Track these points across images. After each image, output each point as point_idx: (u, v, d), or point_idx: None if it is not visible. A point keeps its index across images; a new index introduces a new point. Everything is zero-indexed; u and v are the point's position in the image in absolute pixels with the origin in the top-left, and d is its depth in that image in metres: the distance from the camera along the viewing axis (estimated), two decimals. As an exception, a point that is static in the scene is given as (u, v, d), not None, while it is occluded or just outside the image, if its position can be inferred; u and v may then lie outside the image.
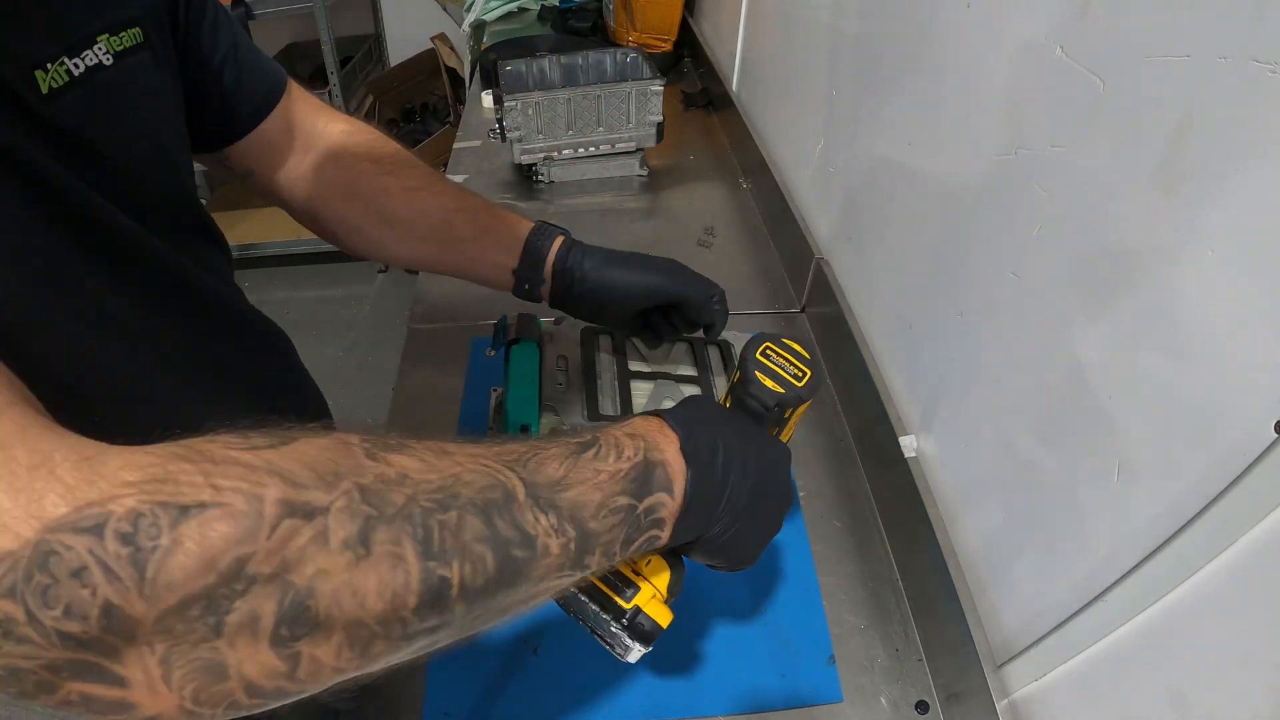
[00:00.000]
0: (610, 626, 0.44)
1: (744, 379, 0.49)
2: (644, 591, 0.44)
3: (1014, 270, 0.55)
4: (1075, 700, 0.49)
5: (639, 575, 0.45)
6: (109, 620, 0.23)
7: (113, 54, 0.42)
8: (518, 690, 0.62)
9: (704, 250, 1.15)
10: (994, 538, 0.59)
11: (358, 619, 0.26)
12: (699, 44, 1.66)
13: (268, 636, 0.25)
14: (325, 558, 0.25)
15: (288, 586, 0.25)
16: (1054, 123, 0.50)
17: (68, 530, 0.23)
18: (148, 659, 0.24)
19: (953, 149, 0.63)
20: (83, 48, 0.40)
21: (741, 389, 0.49)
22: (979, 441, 0.61)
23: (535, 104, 1.22)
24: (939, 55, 0.65)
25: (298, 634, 0.25)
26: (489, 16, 1.91)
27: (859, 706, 0.61)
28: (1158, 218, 0.41)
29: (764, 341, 0.50)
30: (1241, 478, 0.36)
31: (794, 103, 1.11)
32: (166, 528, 0.23)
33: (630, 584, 0.44)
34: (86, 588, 0.22)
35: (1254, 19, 0.35)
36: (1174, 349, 0.40)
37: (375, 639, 0.27)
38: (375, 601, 0.26)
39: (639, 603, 0.44)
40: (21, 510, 0.23)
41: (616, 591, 0.44)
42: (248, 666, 0.25)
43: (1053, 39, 0.49)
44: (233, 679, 0.25)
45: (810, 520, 0.75)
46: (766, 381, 0.48)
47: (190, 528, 0.24)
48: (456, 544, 0.28)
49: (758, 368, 0.49)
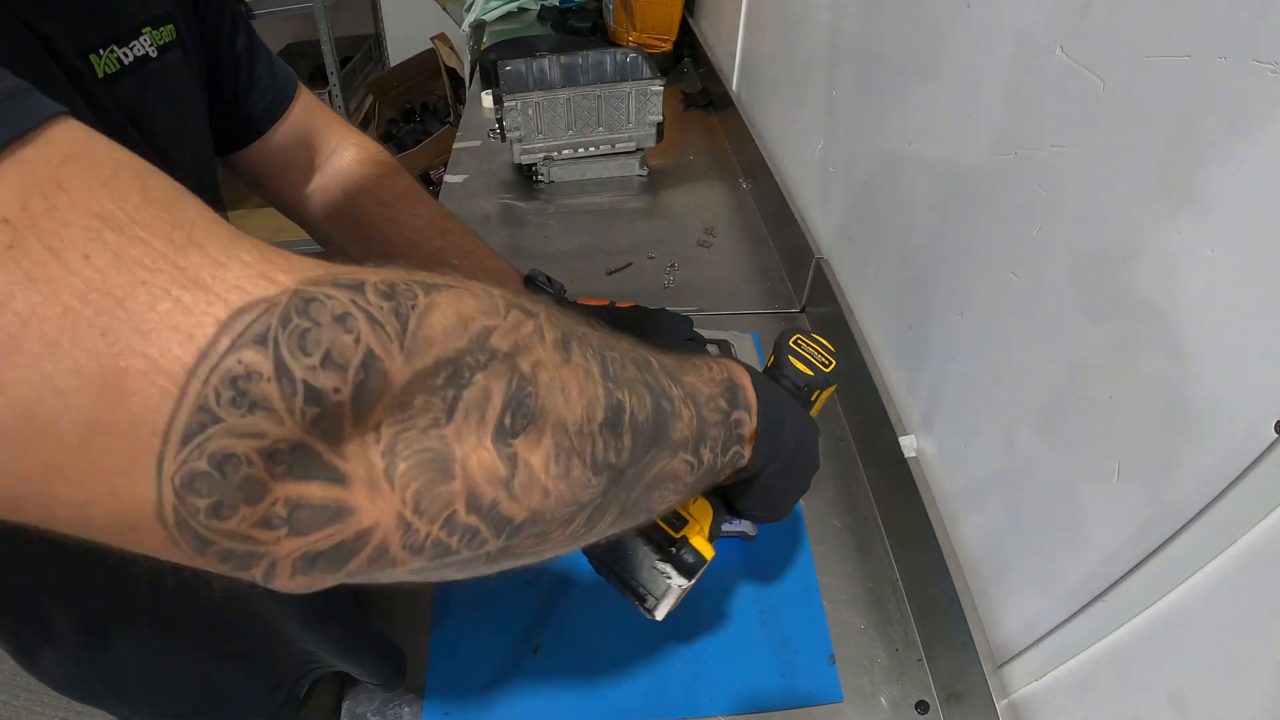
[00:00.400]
0: (655, 560, 0.47)
1: (778, 363, 0.54)
2: (691, 525, 0.48)
3: (1014, 270, 0.55)
4: (1075, 700, 0.49)
5: (686, 512, 0.49)
6: (366, 375, 0.21)
7: (156, 47, 0.44)
8: (518, 690, 0.62)
9: (704, 250, 1.15)
10: (994, 538, 0.59)
11: (562, 420, 0.26)
12: (699, 44, 1.66)
13: (493, 424, 0.24)
14: (543, 351, 0.26)
15: (515, 369, 0.25)
16: (1054, 123, 0.50)
17: (328, 284, 0.22)
18: (371, 451, 0.22)
19: (952, 149, 0.63)
20: (130, 39, 0.42)
21: (776, 371, 0.54)
22: (979, 441, 0.61)
23: (535, 104, 1.22)
24: (939, 55, 0.65)
25: (518, 426, 0.25)
26: (489, 16, 1.91)
27: (859, 706, 0.61)
28: (1158, 218, 0.41)
29: (796, 333, 0.56)
30: (1241, 478, 0.36)
31: (794, 103, 1.11)
32: (421, 293, 0.23)
33: (679, 518, 0.48)
34: (350, 334, 0.21)
35: (1254, 19, 0.35)
36: (1174, 349, 0.40)
37: (574, 456, 0.27)
38: (576, 403, 0.27)
39: (687, 533, 0.47)
40: (275, 265, 0.21)
41: (666, 523, 0.48)
42: (472, 462, 0.24)
43: (1053, 39, 0.49)
44: (457, 479, 0.24)
45: (810, 520, 0.75)
46: (799, 365, 0.54)
47: (443, 296, 0.24)
48: (625, 377, 0.30)
49: (790, 353, 0.54)
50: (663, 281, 1.08)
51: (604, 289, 1.06)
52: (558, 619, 0.67)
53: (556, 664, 0.64)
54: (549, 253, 1.15)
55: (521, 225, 1.23)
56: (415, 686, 0.62)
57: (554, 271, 1.12)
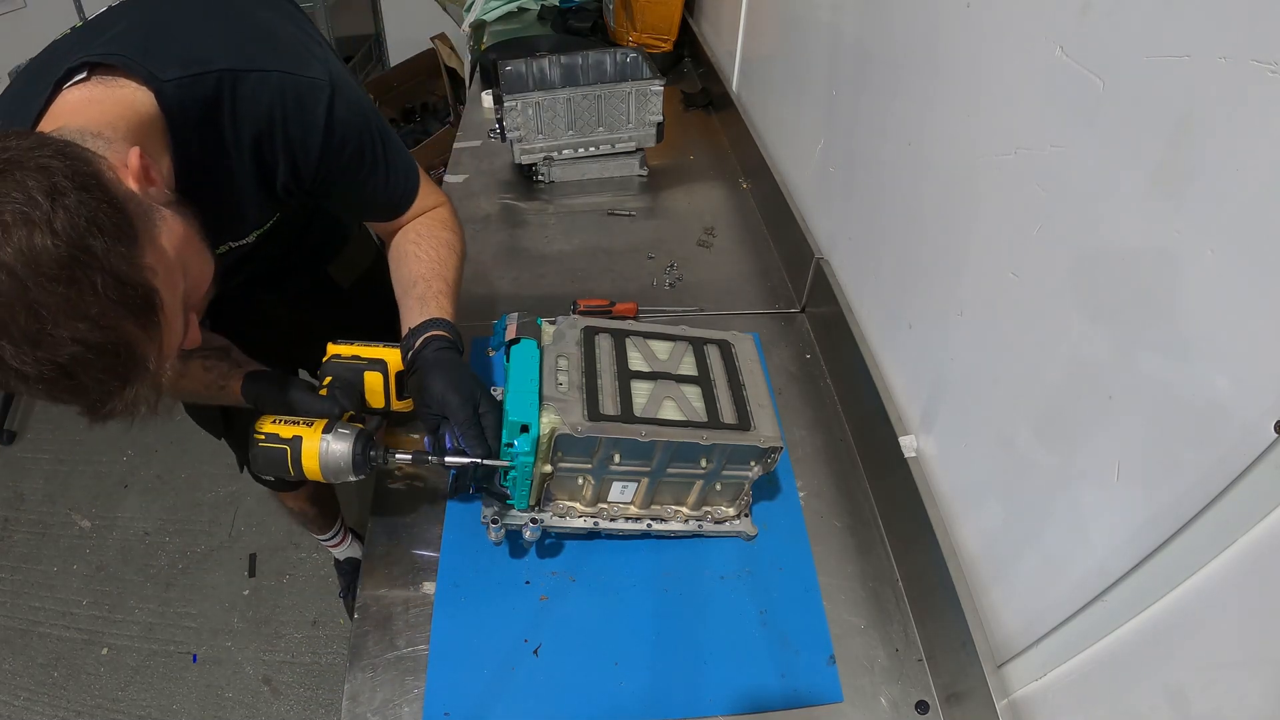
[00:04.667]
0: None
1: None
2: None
3: (1014, 270, 0.55)
4: (1075, 700, 0.49)
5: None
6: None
7: (256, 236, 0.72)
8: (518, 690, 0.62)
9: (704, 250, 1.15)
10: (994, 538, 0.59)
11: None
12: (699, 44, 1.66)
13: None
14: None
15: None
16: (1054, 123, 0.50)
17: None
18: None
19: (952, 149, 0.63)
20: (240, 239, 0.71)
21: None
22: (979, 441, 0.61)
23: (535, 104, 1.22)
24: (939, 55, 0.65)
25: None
26: (489, 16, 1.91)
27: (859, 706, 0.61)
28: (1158, 218, 0.41)
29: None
30: (1241, 478, 0.36)
31: (794, 103, 1.11)
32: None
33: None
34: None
35: (1254, 19, 0.35)
36: (1174, 349, 0.40)
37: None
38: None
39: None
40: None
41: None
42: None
43: (1053, 39, 0.49)
44: None
45: (810, 520, 0.75)
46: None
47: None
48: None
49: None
50: (663, 281, 1.08)
51: (604, 289, 1.06)
52: (557, 619, 0.67)
53: (556, 664, 0.64)
54: (549, 253, 1.15)
55: (521, 225, 1.23)
56: (417, 685, 0.62)
57: (554, 271, 1.12)
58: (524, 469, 0.62)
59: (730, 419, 0.65)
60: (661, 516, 0.71)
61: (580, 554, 0.72)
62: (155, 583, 1.70)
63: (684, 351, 0.71)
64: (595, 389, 0.64)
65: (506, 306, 1.03)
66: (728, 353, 0.72)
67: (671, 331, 0.73)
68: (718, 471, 0.66)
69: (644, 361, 0.69)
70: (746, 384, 0.69)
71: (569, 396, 0.63)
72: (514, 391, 0.62)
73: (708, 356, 0.71)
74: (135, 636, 1.63)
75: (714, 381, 0.69)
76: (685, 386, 0.67)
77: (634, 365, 0.68)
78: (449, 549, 0.72)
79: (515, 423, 0.60)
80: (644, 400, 0.65)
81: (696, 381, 0.68)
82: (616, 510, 0.69)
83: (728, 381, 0.69)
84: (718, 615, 0.67)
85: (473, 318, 0.97)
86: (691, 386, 0.67)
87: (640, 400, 0.65)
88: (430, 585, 0.69)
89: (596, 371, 0.66)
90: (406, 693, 0.62)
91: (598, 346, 0.69)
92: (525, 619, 0.67)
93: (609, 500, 0.69)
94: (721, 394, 0.67)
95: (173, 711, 1.51)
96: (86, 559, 1.78)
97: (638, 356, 0.69)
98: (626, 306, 1.00)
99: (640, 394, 0.65)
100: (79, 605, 1.69)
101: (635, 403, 0.65)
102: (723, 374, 0.70)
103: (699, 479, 0.67)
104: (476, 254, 1.15)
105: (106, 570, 1.75)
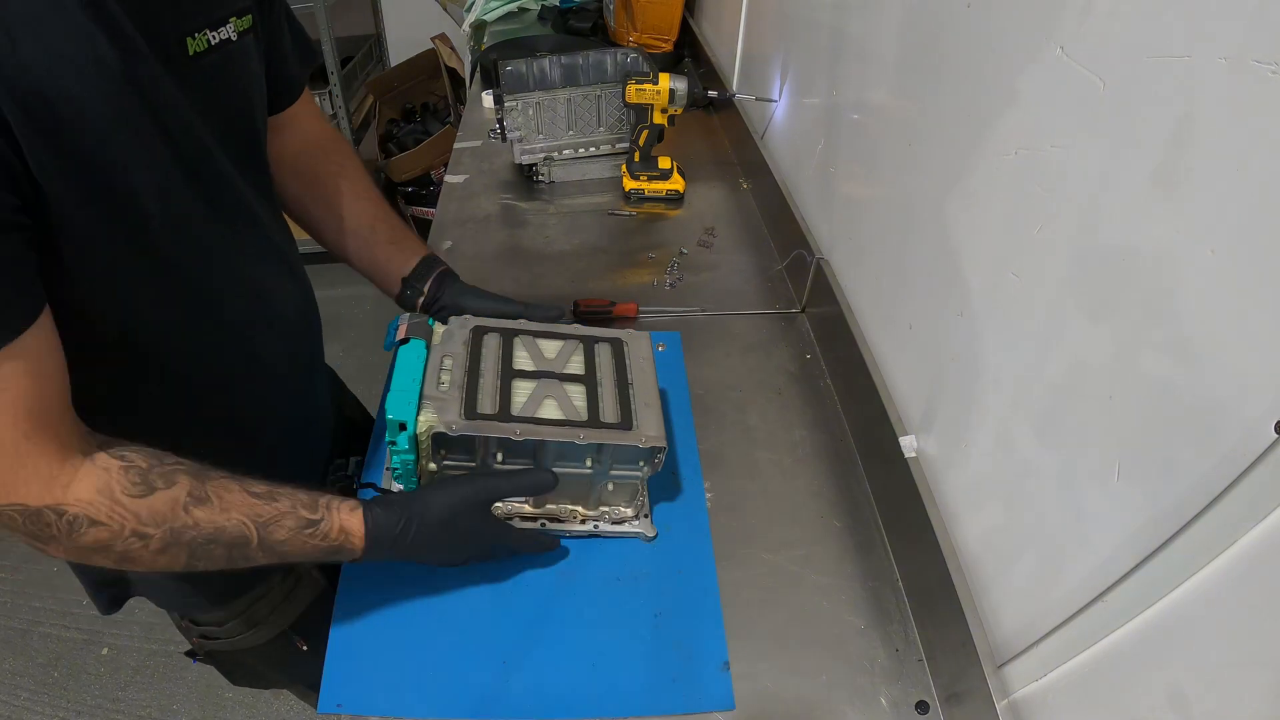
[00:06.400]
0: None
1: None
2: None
3: (1014, 270, 0.55)
4: (1075, 700, 0.49)
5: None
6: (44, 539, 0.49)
7: (237, 31, 0.58)
8: (407, 684, 0.62)
9: (704, 250, 1.15)
10: (994, 538, 0.59)
11: (152, 570, 0.52)
12: (699, 44, 1.66)
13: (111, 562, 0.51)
14: (144, 553, 0.51)
15: (121, 557, 0.50)
16: (1054, 123, 0.50)
17: (50, 509, 0.48)
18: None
19: (952, 149, 0.63)
20: (219, 25, 0.56)
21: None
22: (979, 441, 0.61)
23: (535, 104, 1.22)
24: (939, 55, 0.65)
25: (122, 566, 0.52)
26: (489, 16, 1.91)
27: (859, 706, 0.61)
28: (1158, 218, 0.41)
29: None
30: (1241, 478, 0.36)
31: (794, 103, 1.11)
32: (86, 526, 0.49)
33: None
34: (49, 526, 0.48)
35: (1254, 19, 0.35)
36: (1174, 349, 0.40)
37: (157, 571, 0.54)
38: (160, 564, 0.51)
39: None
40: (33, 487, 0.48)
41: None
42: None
43: (1053, 39, 0.49)
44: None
45: (810, 520, 0.75)
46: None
47: (86, 529, 0.49)
48: (206, 554, 0.52)
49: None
50: (663, 282, 1.08)
51: (605, 288, 1.06)
52: (449, 615, 0.66)
53: (444, 660, 0.63)
54: (549, 253, 1.16)
55: (522, 225, 1.23)
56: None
57: (555, 271, 1.12)
58: (405, 466, 0.63)
59: (612, 418, 0.65)
60: (558, 517, 0.71)
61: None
62: (155, 583, 1.70)
63: (573, 350, 0.70)
64: (475, 388, 0.64)
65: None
66: (619, 351, 0.71)
67: (563, 330, 0.72)
68: (605, 472, 0.66)
69: (530, 360, 0.69)
70: (634, 383, 0.68)
71: (449, 395, 0.63)
72: (395, 390, 0.62)
73: (597, 355, 0.70)
74: (135, 636, 1.63)
75: (600, 380, 0.68)
76: (569, 385, 0.67)
77: (519, 364, 0.68)
78: None
79: (394, 421, 0.61)
80: (524, 399, 0.65)
81: (582, 380, 0.67)
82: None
83: (615, 380, 0.68)
84: (611, 617, 0.66)
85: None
86: (576, 385, 0.67)
87: (520, 399, 0.65)
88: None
89: (480, 370, 0.66)
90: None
91: (484, 346, 0.68)
92: (420, 614, 0.66)
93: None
94: (606, 393, 0.67)
95: (173, 711, 1.51)
96: (87, 559, 1.78)
97: (524, 356, 0.69)
98: (627, 307, 1.00)
99: (521, 393, 0.65)
100: (79, 605, 1.69)
101: (515, 401, 0.65)
102: (610, 373, 0.69)
103: (588, 479, 0.67)
104: (476, 254, 1.15)
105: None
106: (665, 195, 1.27)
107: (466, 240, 1.18)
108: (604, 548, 0.72)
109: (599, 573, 0.70)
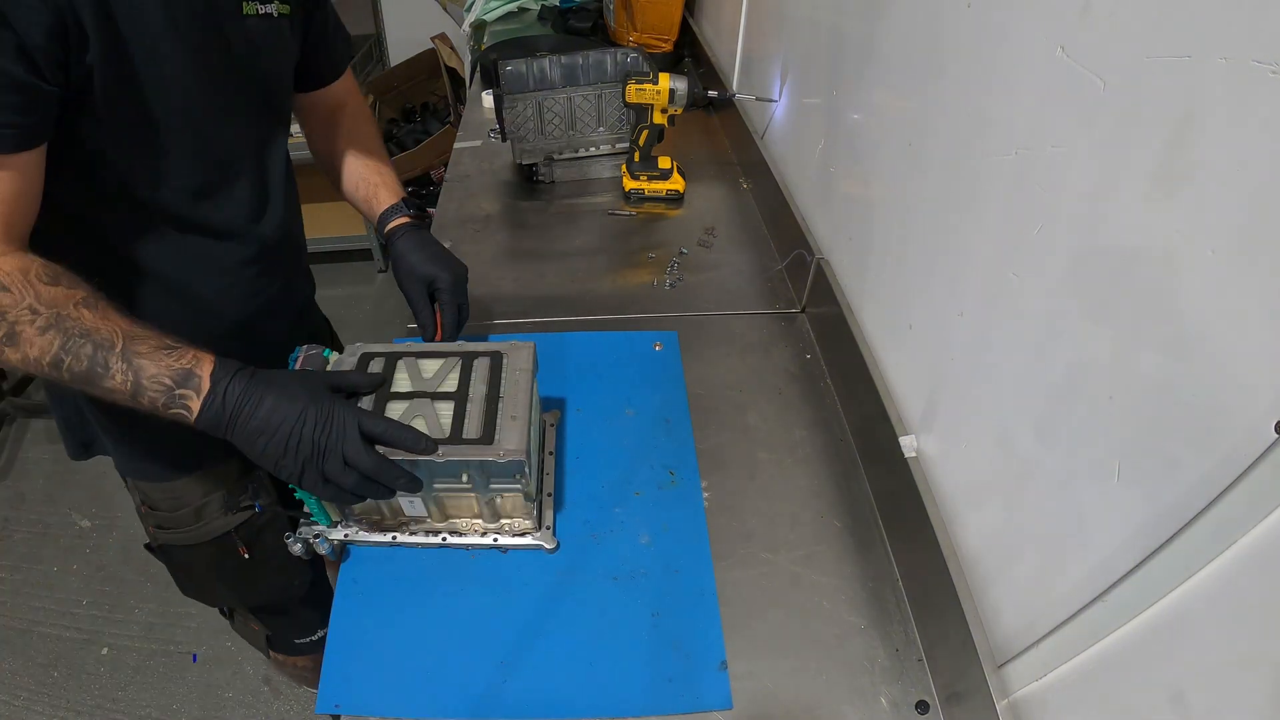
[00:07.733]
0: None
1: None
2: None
3: (1014, 270, 0.55)
4: (1075, 700, 0.49)
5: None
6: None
7: (278, 12, 0.74)
8: (404, 686, 0.62)
9: (704, 250, 1.15)
10: (994, 538, 0.59)
11: (25, 354, 0.57)
12: (699, 44, 1.66)
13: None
14: (29, 329, 0.57)
15: (10, 329, 0.57)
16: (1054, 123, 0.50)
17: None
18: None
19: (952, 149, 0.63)
20: (267, 2, 0.73)
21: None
22: (979, 441, 0.61)
23: (536, 104, 1.22)
24: (939, 55, 0.65)
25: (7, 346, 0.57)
26: (489, 16, 1.91)
27: (859, 706, 0.61)
28: (1158, 218, 0.41)
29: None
30: (1241, 478, 0.36)
31: (794, 103, 1.11)
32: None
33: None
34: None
35: (1254, 19, 0.35)
36: (1174, 349, 0.40)
37: (28, 368, 0.58)
38: (36, 350, 0.57)
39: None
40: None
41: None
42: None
43: (1053, 39, 0.49)
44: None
45: (810, 520, 0.75)
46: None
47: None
48: (76, 350, 0.57)
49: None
50: (663, 282, 1.08)
51: (604, 289, 1.06)
52: (447, 616, 0.67)
53: (441, 661, 0.63)
54: (550, 252, 1.16)
55: (522, 225, 1.23)
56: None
57: (555, 271, 1.12)
58: (303, 490, 0.64)
59: (474, 433, 0.65)
60: (459, 530, 0.72)
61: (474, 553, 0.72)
62: (155, 583, 1.70)
63: (451, 368, 0.71)
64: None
65: (507, 307, 1.03)
66: (497, 364, 0.71)
67: (446, 349, 0.73)
68: (486, 485, 0.67)
69: (409, 381, 0.70)
70: (504, 396, 0.68)
71: None
72: None
73: (472, 371, 0.71)
74: (135, 636, 1.63)
75: (470, 396, 0.68)
76: (439, 403, 0.67)
77: (397, 386, 0.69)
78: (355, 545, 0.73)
79: None
80: (395, 418, 0.66)
81: (452, 397, 0.68)
82: (416, 524, 0.72)
83: (485, 395, 0.68)
84: (608, 617, 0.67)
85: (473, 318, 0.97)
86: (445, 403, 0.67)
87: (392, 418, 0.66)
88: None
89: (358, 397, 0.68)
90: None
91: (367, 370, 0.70)
92: (417, 615, 0.67)
93: (406, 514, 0.71)
94: (474, 408, 0.67)
95: (173, 711, 1.51)
96: (86, 559, 1.78)
97: (404, 377, 0.70)
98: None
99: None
100: (79, 605, 1.70)
101: None
102: (482, 388, 0.69)
103: (469, 492, 0.69)
104: (477, 254, 1.15)
105: (106, 570, 1.75)
106: (665, 195, 1.27)
107: (466, 240, 1.18)
108: (601, 547, 0.72)
109: (596, 573, 0.70)
